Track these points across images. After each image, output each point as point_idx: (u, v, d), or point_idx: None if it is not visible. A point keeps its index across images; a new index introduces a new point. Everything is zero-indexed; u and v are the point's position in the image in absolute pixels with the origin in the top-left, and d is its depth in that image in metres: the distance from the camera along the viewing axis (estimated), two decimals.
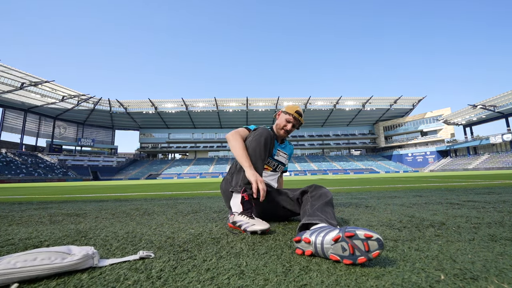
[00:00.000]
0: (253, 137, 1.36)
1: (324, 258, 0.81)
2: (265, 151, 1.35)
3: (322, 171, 49.44)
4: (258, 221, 1.17)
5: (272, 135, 1.38)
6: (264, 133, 1.36)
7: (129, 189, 6.13)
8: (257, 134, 1.36)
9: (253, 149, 1.33)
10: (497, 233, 1.09)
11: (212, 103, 54.61)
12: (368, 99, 54.78)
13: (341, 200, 2.58)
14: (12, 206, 2.71)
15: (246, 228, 1.15)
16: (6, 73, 33.38)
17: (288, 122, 1.62)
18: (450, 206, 1.93)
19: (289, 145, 1.79)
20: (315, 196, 1.22)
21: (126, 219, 1.70)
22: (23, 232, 1.32)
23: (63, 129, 53.99)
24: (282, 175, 1.84)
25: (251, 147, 1.34)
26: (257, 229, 1.13)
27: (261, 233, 1.14)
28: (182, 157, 66.37)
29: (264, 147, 1.33)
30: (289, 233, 1.16)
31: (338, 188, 4.67)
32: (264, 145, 1.33)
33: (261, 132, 1.36)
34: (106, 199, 3.32)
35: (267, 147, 1.35)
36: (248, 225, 1.16)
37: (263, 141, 1.33)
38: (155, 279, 0.67)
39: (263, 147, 1.33)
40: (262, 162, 1.34)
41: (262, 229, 1.13)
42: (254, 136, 1.36)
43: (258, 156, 1.32)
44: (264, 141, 1.33)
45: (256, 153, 1.32)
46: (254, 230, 1.13)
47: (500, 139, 40.65)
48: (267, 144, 1.35)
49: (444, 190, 3.44)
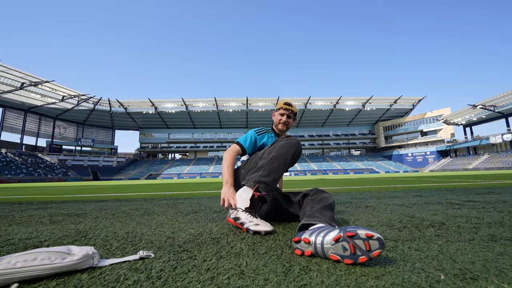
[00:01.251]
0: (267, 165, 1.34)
1: (324, 258, 0.81)
2: (285, 166, 1.36)
3: (322, 171, 49.43)
4: (262, 222, 1.15)
5: (298, 151, 1.39)
6: (284, 159, 1.35)
7: (129, 189, 6.13)
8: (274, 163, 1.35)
9: (275, 167, 1.33)
10: (497, 233, 1.09)
11: (212, 103, 54.61)
12: (368, 99, 54.79)
13: (341, 200, 2.58)
14: (12, 206, 2.71)
15: (249, 227, 1.13)
16: (6, 73, 33.39)
17: (281, 115, 1.67)
18: (450, 206, 1.93)
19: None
20: (316, 200, 1.22)
21: (126, 219, 1.69)
22: (23, 232, 1.32)
23: (63, 129, 54.00)
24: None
25: (276, 161, 1.33)
26: (261, 230, 1.10)
27: (264, 234, 1.11)
28: (182, 157, 66.37)
29: (289, 159, 1.36)
30: (289, 233, 1.16)
31: (338, 188, 4.67)
32: (289, 158, 1.36)
33: (278, 158, 1.34)
34: (106, 199, 3.31)
35: (291, 160, 1.38)
36: (251, 224, 1.13)
37: (288, 156, 1.35)
38: (155, 279, 0.67)
39: (284, 162, 1.34)
40: (280, 175, 1.35)
41: (266, 231, 1.10)
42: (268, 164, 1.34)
43: (279, 171, 1.33)
44: (290, 156, 1.36)
45: (280, 168, 1.33)
46: (258, 230, 1.10)
47: (500, 139, 40.65)
48: (291, 158, 1.37)
49: (444, 190, 3.44)
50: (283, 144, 1.35)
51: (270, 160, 1.32)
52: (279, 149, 1.34)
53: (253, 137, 1.61)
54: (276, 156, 1.32)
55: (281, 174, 1.34)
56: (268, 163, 1.32)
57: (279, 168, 1.32)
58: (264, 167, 1.31)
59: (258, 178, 1.28)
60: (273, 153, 1.34)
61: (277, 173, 1.31)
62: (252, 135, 1.62)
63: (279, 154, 1.32)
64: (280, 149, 1.34)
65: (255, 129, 1.69)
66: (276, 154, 1.33)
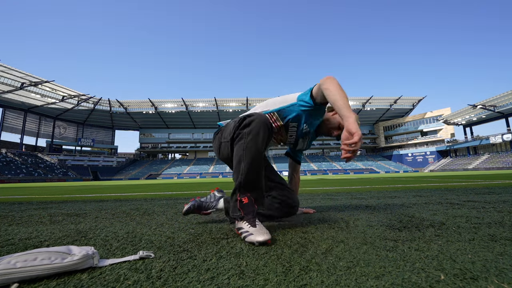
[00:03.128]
0: (245, 143, 1.12)
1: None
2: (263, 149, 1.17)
3: (322, 171, 49.44)
4: (258, 231, 1.03)
5: (269, 128, 1.16)
6: (257, 133, 1.12)
7: (129, 189, 6.13)
8: (249, 138, 1.12)
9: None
10: (497, 233, 1.09)
11: (212, 103, 54.62)
12: (368, 99, 54.79)
13: (341, 200, 2.58)
14: (12, 206, 2.71)
15: (245, 239, 1.05)
16: (6, 73, 33.41)
17: (338, 129, 1.44)
18: (450, 206, 1.93)
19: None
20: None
21: (126, 219, 1.69)
22: (23, 232, 1.32)
23: (63, 129, 54.01)
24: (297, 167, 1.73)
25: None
26: (255, 240, 0.99)
27: (258, 245, 0.98)
28: (182, 157, 66.37)
29: (262, 148, 1.15)
30: (289, 233, 1.16)
31: (338, 188, 4.67)
32: (260, 148, 1.14)
33: (253, 132, 1.12)
34: (106, 199, 3.31)
35: (265, 145, 1.17)
36: (247, 235, 1.04)
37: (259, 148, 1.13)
38: (155, 279, 0.67)
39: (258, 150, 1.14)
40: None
41: (260, 241, 0.98)
42: (246, 141, 1.12)
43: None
44: (259, 148, 1.13)
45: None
46: (252, 241, 1.00)
47: (500, 139, 40.65)
48: (264, 143, 1.16)
49: (444, 190, 3.44)
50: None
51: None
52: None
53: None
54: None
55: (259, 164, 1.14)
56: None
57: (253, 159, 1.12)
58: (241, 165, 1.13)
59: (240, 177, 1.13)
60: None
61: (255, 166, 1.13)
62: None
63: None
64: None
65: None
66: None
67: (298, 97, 1.31)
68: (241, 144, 1.13)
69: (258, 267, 0.74)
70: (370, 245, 0.95)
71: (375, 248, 0.91)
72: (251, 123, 1.12)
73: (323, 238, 1.06)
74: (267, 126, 1.13)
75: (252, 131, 1.11)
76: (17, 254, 0.69)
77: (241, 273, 0.71)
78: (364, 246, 0.93)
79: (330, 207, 2.05)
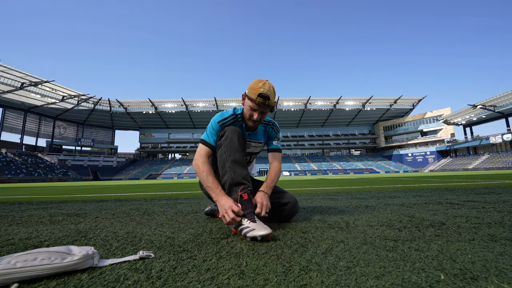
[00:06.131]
0: (224, 146, 1.30)
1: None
2: (242, 151, 1.32)
3: (322, 171, 49.44)
4: (259, 225, 1.08)
5: (240, 133, 1.33)
6: (232, 137, 1.30)
7: (129, 189, 6.13)
8: (227, 142, 1.30)
9: (233, 161, 1.27)
10: (497, 233, 1.09)
11: (212, 103, 54.62)
12: (368, 99, 54.79)
13: (341, 200, 2.58)
14: (12, 206, 2.71)
15: (246, 234, 1.08)
16: (6, 73, 33.41)
17: (253, 110, 1.34)
18: (450, 206, 1.93)
19: (263, 128, 1.54)
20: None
21: (126, 219, 1.70)
22: (23, 232, 1.32)
23: (63, 129, 54.01)
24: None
25: (229, 158, 1.28)
26: (257, 235, 1.04)
27: (260, 239, 1.05)
28: (182, 157, 66.34)
29: (239, 148, 1.31)
30: (289, 233, 1.16)
31: (338, 188, 4.67)
32: (238, 148, 1.30)
33: (229, 137, 1.30)
34: (106, 199, 3.31)
35: (242, 147, 1.33)
36: (248, 230, 1.07)
37: (236, 147, 1.29)
38: (155, 279, 0.67)
39: (236, 149, 1.29)
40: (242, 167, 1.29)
41: (262, 235, 1.04)
42: (225, 145, 1.30)
43: (238, 163, 1.28)
44: (236, 147, 1.29)
45: (237, 160, 1.28)
46: (254, 236, 1.04)
47: (500, 139, 40.66)
48: (240, 146, 1.32)
49: (444, 190, 3.44)
50: (224, 150, 1.31)
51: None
52: (226, 156, 1.30)
53: (216, 129, 1.39)
54: (230, 166, 1.28)
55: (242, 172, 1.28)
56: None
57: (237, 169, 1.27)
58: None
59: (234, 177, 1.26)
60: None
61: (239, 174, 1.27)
62: (215, 127, 1.39)
63: (231, 162, 1.28)
64: (226, 155, 1.30)
65: (218, 116, 1.41)
66: (229, 162, 1.28)
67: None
68: (222, 148, 1.31)
69: (258, 267, 0.74)
70: (370, 245, 0.95)
71: (375, 248, 0.91)
72: (225, 133, 1.33)
73: (323, 238, 1.06)
74: (238, 130, 1.35)
75: (228, 137, 1.31)
76: (17, 254, 0.69)
77: (241, 273, 0.71)
78: (364, 246, 0.94)
79: (330, 207, 2.05)
